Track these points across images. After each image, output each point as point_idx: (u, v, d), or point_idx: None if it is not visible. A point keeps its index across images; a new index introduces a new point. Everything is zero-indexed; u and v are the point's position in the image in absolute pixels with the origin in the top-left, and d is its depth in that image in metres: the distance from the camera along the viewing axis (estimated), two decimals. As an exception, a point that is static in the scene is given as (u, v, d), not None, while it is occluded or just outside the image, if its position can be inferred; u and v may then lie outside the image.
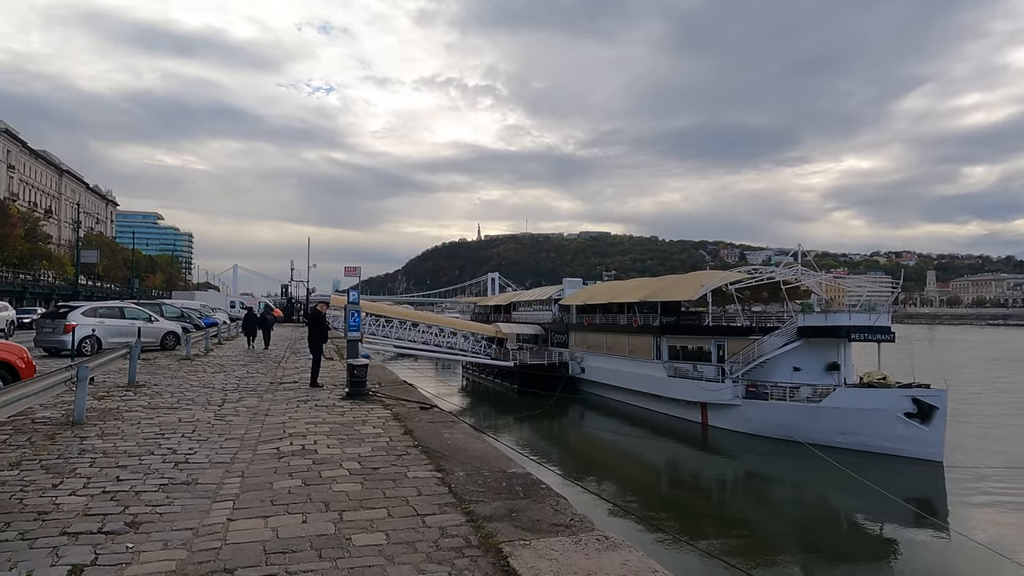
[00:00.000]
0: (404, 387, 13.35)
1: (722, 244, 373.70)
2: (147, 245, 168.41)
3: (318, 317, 13.50)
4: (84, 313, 21.12)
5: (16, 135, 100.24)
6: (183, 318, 28.32)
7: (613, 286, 62.77)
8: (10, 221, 69.80)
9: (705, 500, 29.58)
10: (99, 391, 12.06)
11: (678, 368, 42.98)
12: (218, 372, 16.25)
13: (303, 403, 11.07)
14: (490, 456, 7.20)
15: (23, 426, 8.35)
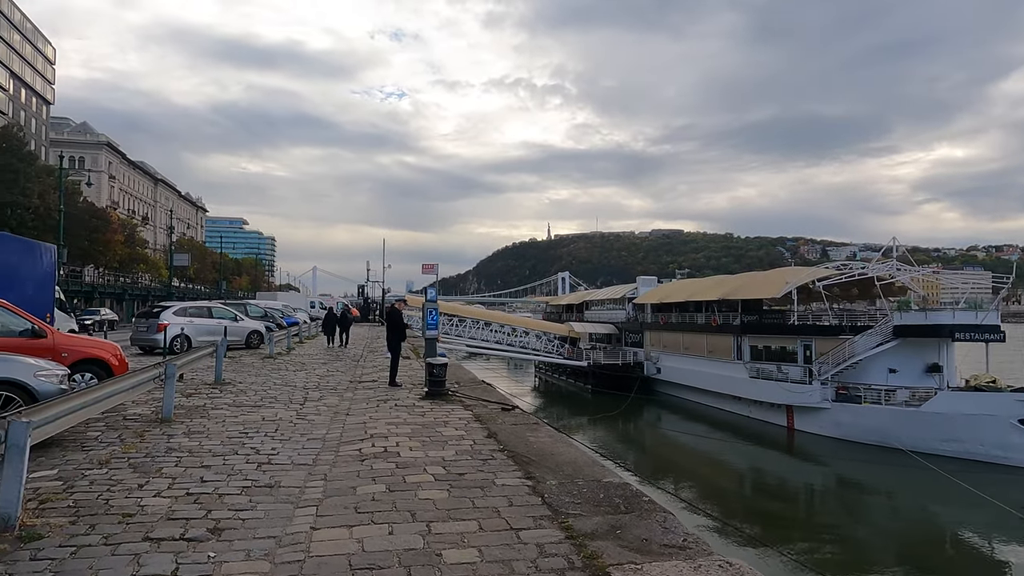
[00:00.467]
0: (483, 387, 13.02)
1: (802, 240, 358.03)
2: (233, 248, 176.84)
3: (396, 316, 13.35)
4: (175, 313, 21.96)
5: (116, 147, 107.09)
6: (266, 318, 29.16)
7: (690, 284, 60.89)
8: (111, 228, 74.37)
9: (793, 508, 28.04)
10: (187, 388, 12.30)
11: (761, 369, 41.09)
12: (299, 370, 16.43)
13: (383, 403, 10.88)
14: (581, 463, 6.69)
15: (115, 422, 8.47)
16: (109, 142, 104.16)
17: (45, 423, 4.83)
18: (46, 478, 5.77)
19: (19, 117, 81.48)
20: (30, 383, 6.71)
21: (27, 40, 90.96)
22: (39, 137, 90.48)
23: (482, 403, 10.79)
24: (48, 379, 6.94)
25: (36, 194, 53.14)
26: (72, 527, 4.56)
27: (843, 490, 30.15)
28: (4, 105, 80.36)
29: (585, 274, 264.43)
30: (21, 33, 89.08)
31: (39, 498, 5.16)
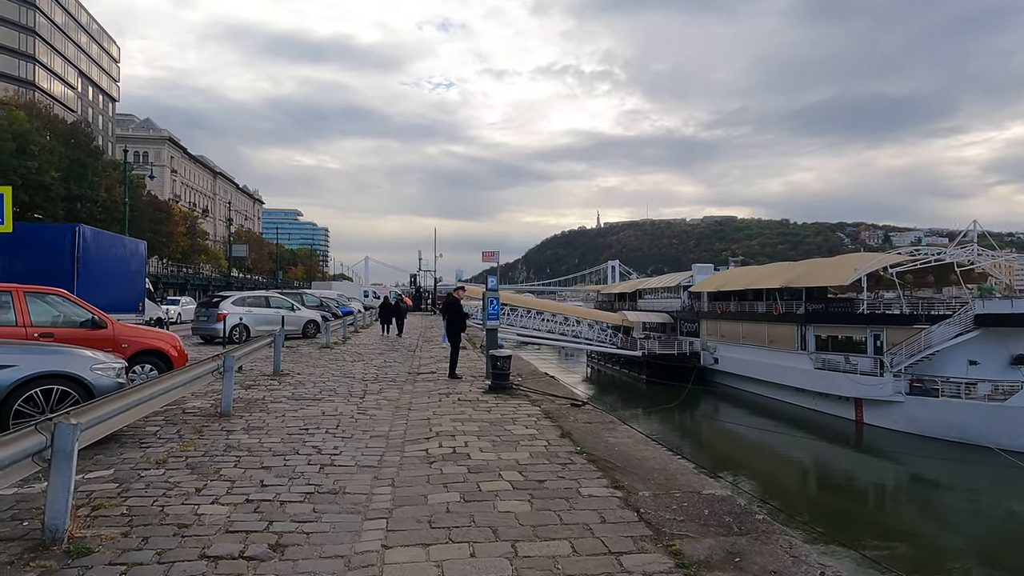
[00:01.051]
0: (547, 380, 12.41)
1: (862, 225, 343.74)
2: (289, 239, 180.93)
3: (455, 304, 12.83)
4: (233, 303, 22.07)
5: (178, 142, 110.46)
6: (322, 307, 29.22)
7: (749, 271, 58.85)
8: (173, 220, 76.77)
9: (863, 506, 26.61)
10: (246, 379, 12.08)
11: (827, 360, 39.29)
12: (357, 361, 16.15)
13: (445, 396, 10.38)
14: (673, 470, 5.99)
15: (174, 417, 8.19)
16: (171, 137, 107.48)
17: (94, 424, 4.44)
18: (101, 479, 5.43)
19: (87, 114, 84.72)
20: (87, 377, 6.42)
21: (93, 40, 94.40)
22: (105, 133, 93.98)
23: (549, 398, 10.18)
24: (105, 373, 6.64)
25: (103, 188, 55.03)
26: (124, 540, 4.14)
27: (921, 489, 28.48)
28: (73, 103, 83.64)
29: (635, 262, 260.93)
30: (88, 34, 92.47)
31: (92, 503, 4.79)
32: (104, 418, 4.60)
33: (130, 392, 5.35)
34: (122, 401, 5.10)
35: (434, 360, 16.60)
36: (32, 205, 48.58)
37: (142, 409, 5.62)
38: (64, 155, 49.93)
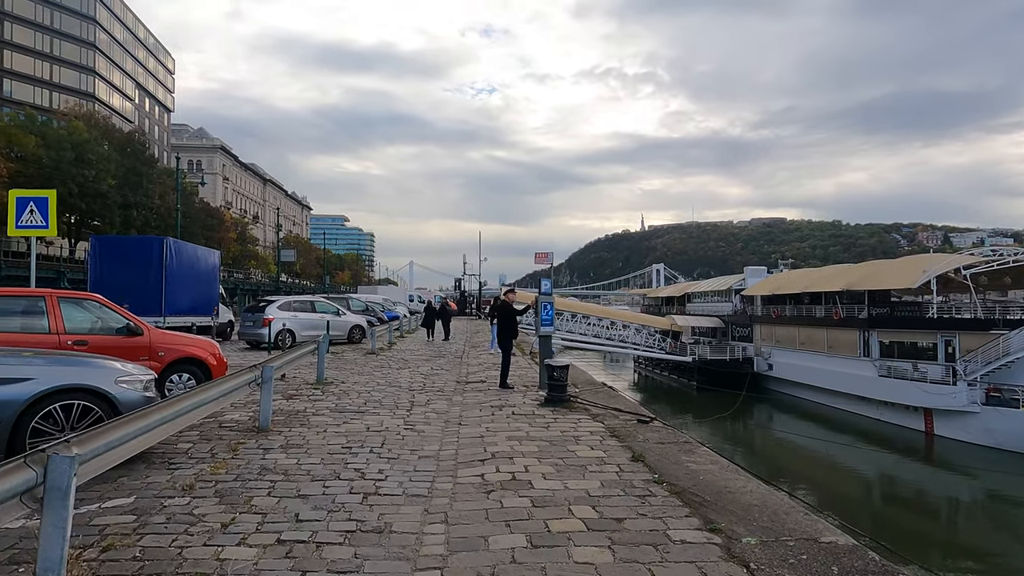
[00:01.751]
0: (606, 391, 11.51)
1: (920, 226, 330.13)
2: (336, 244, 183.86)
3: (507, 308, 12.03)
4: (279, 307, 21.81)
5: (229, 150, 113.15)
6: (367, 312, 28.88)
7: (807, 274, 56.51)
8: (224, 226, 78.35)
9: (934, 523, 24.79)
10: (288, 388, 11.54)
11: (893, 367, 37.13)
12: (403, 368, 15.52)
13: (497, 409, 9.58)
14: (776, 507, 5.04)
15: (209, 431, 7.60)
16: (223, 146, 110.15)
17: (100, 454, 3.78)
18: (119, 509, 4.80)
19: (143, 125, 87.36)
20: (111, 391, 5.84)
21: (150, 53, 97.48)
22: (161, 143, 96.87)
23: (612, 412, 9.27)
24: (131, 386, 6.06)
25: (157, 195, 56.35)
26: (131, 595, 3.45)
27: (1000, 506, 26.39)
28: (130, 114, 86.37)
29: (680, 266, 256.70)
30: (145, 47, 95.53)
31: (102, 543, 4.13)
32: (113, 445, 3.95)
33: (150, 412, 4.71)
34: (137, 424, 4.44)
35: (482, 367, 15.86)
36: (90, 212, 50.05)
37: (163, 431, 4.98)
38: (120, 163, 51.24)
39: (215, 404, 6.27)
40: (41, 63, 73.76)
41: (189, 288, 20.94)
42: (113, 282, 18.49)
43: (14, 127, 43.39)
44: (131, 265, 19.49)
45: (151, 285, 19.00)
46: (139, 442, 4.42)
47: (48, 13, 74.50)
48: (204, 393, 5.90)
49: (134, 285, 18.32)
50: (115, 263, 19.71)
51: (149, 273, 19.28)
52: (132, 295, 17.88)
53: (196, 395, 5.70)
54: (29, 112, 50.22)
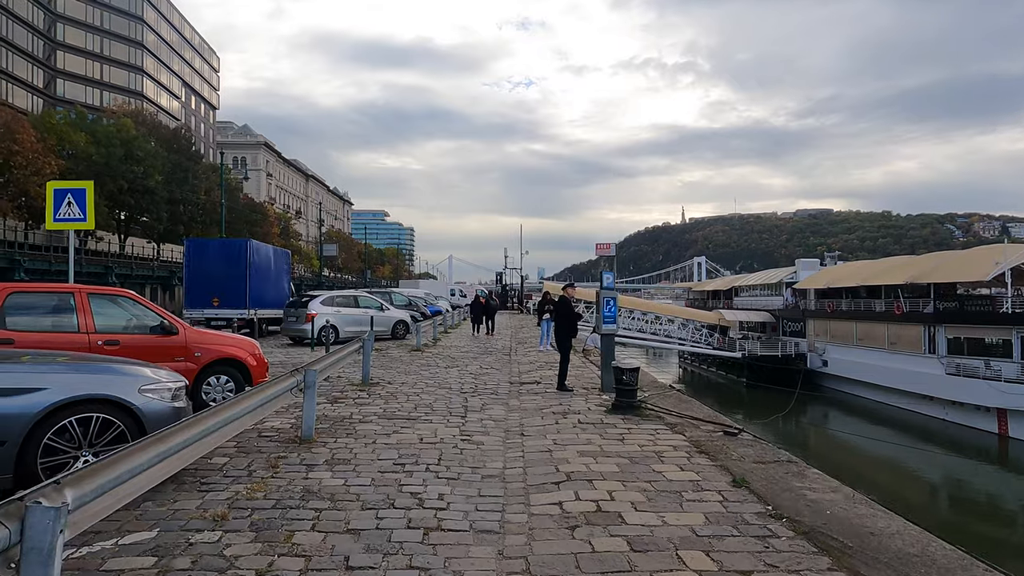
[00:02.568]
0: (676, 395, 10.47)
1: (975, 216, 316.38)
2: (376, 238, 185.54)
3: (566, 305, 11.08)
4: (322, 302, 21.27)
5: (273, 147, 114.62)
6: (411, 306, 28.26)
7: (865, 266, 54.07)
8: (268, 221, 79.15)
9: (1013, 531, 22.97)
10: (333, 389, 10.82)
11: (962, 365, 34.93)
12: (451, 367, 14.71)
13: (561, 417, 8.64)
14: (944, 561, 3.98)
15: (247, 443, 6.85)
16: (266, 142, 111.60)
17: (97, 496, 2.95)
18: (138, 547, 4.03)
19: (190, 122, 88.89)
20: (133, 401, 5.10)
21: (196, 52, 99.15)
22: (207, 140, 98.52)
23: (690, 421, 8.25)
24: (158, 395, 5.31)
25: (203, 191, 56.97)
26: None
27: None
28: (177, 112, 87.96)
29: (722, 259, 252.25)
30: (191, 46, 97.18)
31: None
32: (118, 482, 3.12)
33: (169, 434, 3.91)
34: (152, 451, 3.62)
35: (534, 366, 14.95)
36: (139, 208, 50.81)
37: (183, 457, 4.18)
38: (167, 160, 51.88)
39: (249, 418, 5.49)
40: (92, 63, 75.51)
41: (267, 284, 23.45)
42: (205, 279, 21.61)
43: (65, 125, 44.18)
44: (220, 264, 22.12)
45: (237, 281, 21.58)
46: (153, 473, 3.62)
47: (98, 14, 76.19)
48: (235, 407, 5.10)
49: (223, 281, 21.36)
50: (206, 262, 22.43)
51: (235, 270, 21.84)
52: (221, 290, 21.64)
53: (226, 410, 4.91)
54: (79, 110, 51.21)
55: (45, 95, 68.45)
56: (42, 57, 69.68)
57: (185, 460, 4.48)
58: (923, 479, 28.97)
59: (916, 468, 30.10)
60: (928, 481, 28.78)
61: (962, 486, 28.26)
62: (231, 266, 22.00)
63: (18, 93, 63.64)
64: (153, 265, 50.54)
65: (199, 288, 22.06)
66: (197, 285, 22.10)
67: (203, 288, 21.89)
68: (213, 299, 21.51)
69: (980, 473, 29.74)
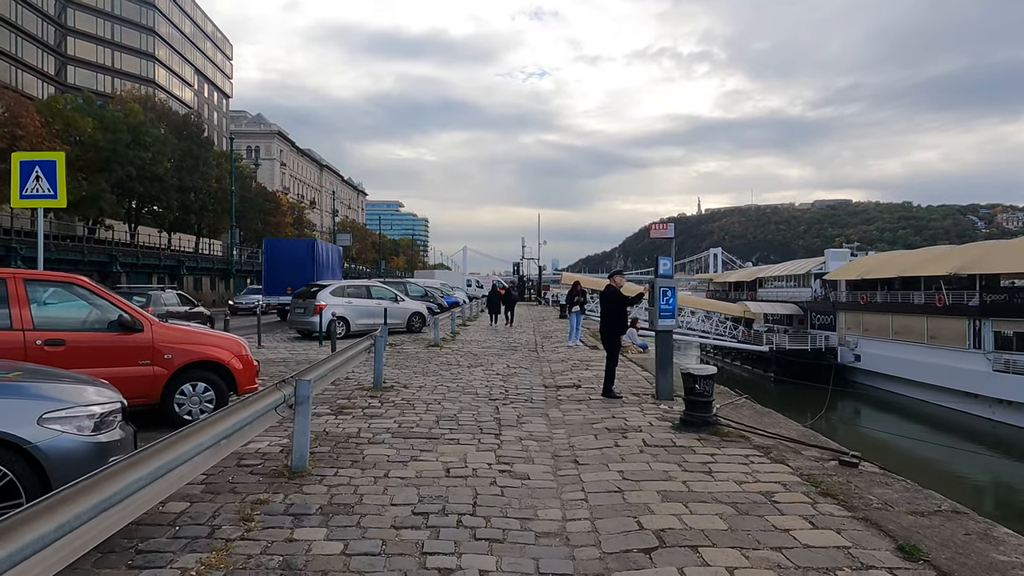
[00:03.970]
0: (748, 404, 8.72)
1: (999, 207, 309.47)
2: (391, 228, 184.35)
3: (614, 296, 9.34)
4: (332, 293, 19.66)
5: (286, 136, 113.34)
6: (427, 297, 26.64)
7: (902, 256, 51.69)
8: (281, 210, 77.91)
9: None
10: (339, 394, 9.19)
11: (1013, 361, 32.81)
12: (474, 366, 13.03)
13: (620, 436, 6.92)
14: None
15: (220, 477, 5.20)
16: (280, 131, 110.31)
17: None
18: None
19: (202, 110, 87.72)
20: (29, 439, 3.46)
21: (208, 38, 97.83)
22: (220, 128, 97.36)
23: (783, 443, 6.51)
24: (71, 425, 3.69)
25: (214, 178, 55.65)
26: None
27: None
28: (190, 100, 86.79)
29: (739, 250, 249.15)
30: (203, 32, 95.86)
31: None
32: None
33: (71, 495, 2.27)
34: (27, 535, 2.01)
35: (567, 366, 13.25)
36: (148, 196, 49.56)
37: (95, 529, 2.52)
38: (176, 146, 50.54)
39: (206, 458, 3.81)
40: (103, 49, 74.36)
41: (328, 275, 26.46)
42: (279, 272, 25.13)
43: (72, 110, 42.89)
44: (291, 259, 25.88)
45: (306, 274, 24.28)
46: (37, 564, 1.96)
47: (110, 0, 74.99)
48: (183, 445, 3.44)
49: (294, 274, 24.16)
50: (280, 258, 26.41)
51: (304, 264, 25.39)
52: (293, 281, 23.90)
53: (165, 453, 3.25)
54: (87, 95, 49.98)
55: (56, 82, 67.38)
56: (53, 43, 68.61)
57: (103, 531, 2.85)
58: (976, 482, 27.00)
59: (966, 470, 28.08)
60: (981, 484, 26.80)
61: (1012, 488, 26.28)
62: (301, 261, 25.65)
63: (28, 80, 62.55)
64: (161, 254, 49.20)
65: (275, 279, 25.72)
66: (273, 277, 25.93)
67: (278, 280, 25.42)
68: (287, 288, 24.06)
69: None
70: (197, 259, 54.10)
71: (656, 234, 17.37)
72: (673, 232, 16.02)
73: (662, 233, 16.56)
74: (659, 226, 18.11)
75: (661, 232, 16.94)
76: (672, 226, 17.40)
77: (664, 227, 17.24)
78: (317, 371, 6.23)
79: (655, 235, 17.91)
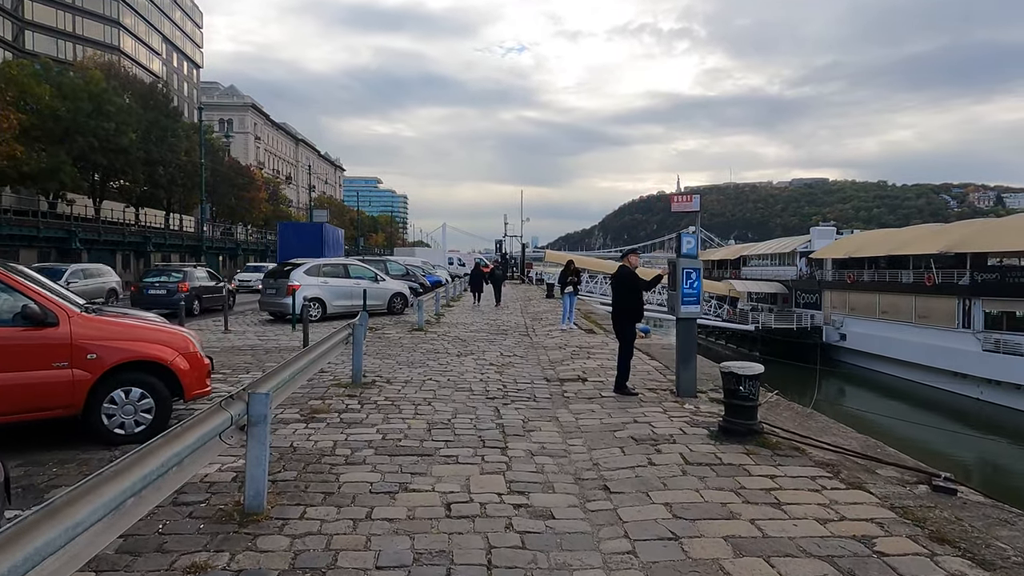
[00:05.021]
0: (787, 405, 7.63)
1: (971, 187, 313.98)
2: (369, 205, 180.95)
3: (629, 276, 8.11)
4: (307, 272, 18.20)
5: (260, 108, 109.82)
6: (408, 276, 25.27)
7: (890, 234, 51.24)
8: (255, 186, 75.37)
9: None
10: (311, 393, 7.90)
11: (1002, 341, 32.44)
12: (464, 354, 11.78)
13: (651, 449, 5.74)
14: None
15: (147, 529, 3.93)
16: (254, 104, 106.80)
17: None
18: None
19: (172, 80, 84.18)
20: None
21: (177, 6, 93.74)
22: (190, 100, 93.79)
23: (849, 457, 5.40)
24: None
25: (183, 151, 53.20)
26: None
27: None
28: (158, 69, 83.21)
29: (717, 228, 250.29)
30: (173, 1, 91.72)
31: None
32: None
33: None
34: None
35: (565, 352, 12.08)
36: (113, 169, 47.09)
37: None
38: (143, 117, 48.00)
39: (94, 537, 2.52)
40: (64, 14, 70.64)
41: (333, 255, 28.32)
42: (292, 252, 25.64)
43: (27, 76, 40.22)
44: (302, 240, 28.51)
45: (315, 254, 25.29)
46: None
47: (69, -39, 71.14)
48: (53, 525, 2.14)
49: (306, 254, 24.31)
50: (292, 239, 29.27)
51: (314, 245, 27.63)
52: None
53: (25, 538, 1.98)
54: (44, 61, 47.08)
55: (13, 48, 63.83)
56: (9, 7, 64.92)
57: None
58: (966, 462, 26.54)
59: (955, 450, 27.60)
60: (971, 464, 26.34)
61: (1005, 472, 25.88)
62: (311, 242, 28.04)
63: (-18, 45, 59.23)
64: (126, 230, 46.70)
65: (288, 258, 27.32)
66: (287, 256, 26.60)
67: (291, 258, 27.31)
68: None
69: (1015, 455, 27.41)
70: (165, 235, 51.76)
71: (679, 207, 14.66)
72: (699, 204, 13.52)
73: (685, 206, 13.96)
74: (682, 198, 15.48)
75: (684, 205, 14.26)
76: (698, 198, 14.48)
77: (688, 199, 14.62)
78: (279, 377, 4.92)
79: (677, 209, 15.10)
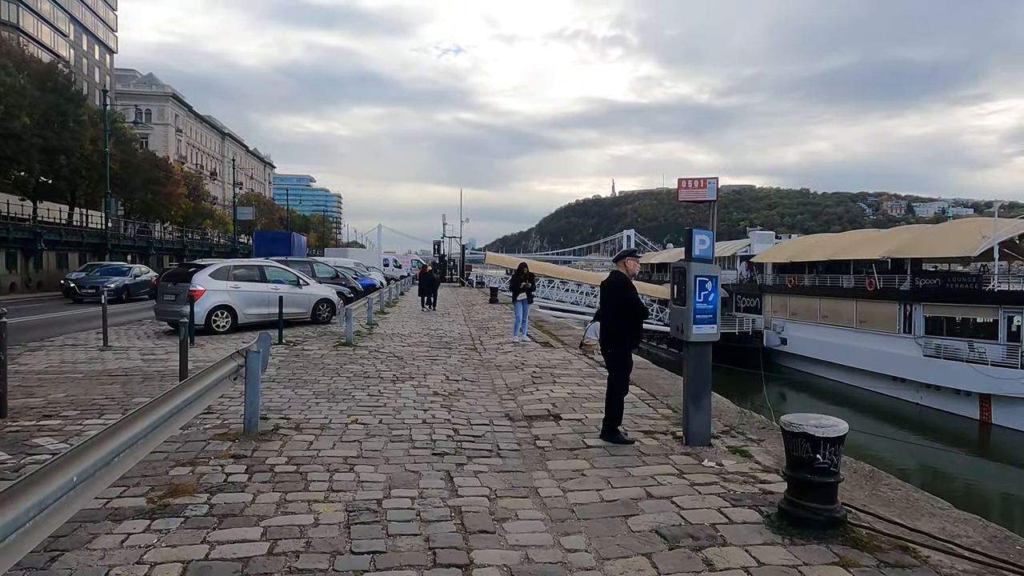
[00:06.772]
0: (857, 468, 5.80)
1: (884, 196, 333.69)
2: (300, 203, 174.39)
3: (628, 289, 6.09)
4: (213, 275, 15.40)
5: (183, 99, 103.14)
6: (338, 279, 22.64)
7: (832, 239, 51.67)
8: (174, 180, 70.10)
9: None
10: (180, 452, 5.54)
11: (942, 346, 32.51)
12: (400, 379, 9.50)
13: (691, 553, 3.75)
14: None
15: None
16: (175, 94, 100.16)
17: None
18: None
19: (81, 64, 77.56)
20: None
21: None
22: (103, 85, 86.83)
23: (985, 566, 3.57)
24: None
25: (88, 140, 48.24)
26: None
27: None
28: (64, 51, 76.44)
29: (651, 232, 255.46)
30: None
31: None
32: None
33: None
34: None
35: (524, 374, 10.02)
36: (3, 157, 42.00)
37: None
38: (39, 100, 43.07)
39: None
40: (-48, -14, 63.80)
41: None
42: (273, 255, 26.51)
43: None
44: (273, 247, 32.50)
45: None
46: None
47: (-41, -73, 64.26)
48: None
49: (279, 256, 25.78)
50: (264, 246, 34.09)
51: (285, 251, 31.54)
52: None
53: None
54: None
55: None
56: None
57: None
58: (904, 468, 26.05)
59: (892, 456, 27.11)
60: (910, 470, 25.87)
61: (943, 477, 25.53)
62: (283, 249, 31.80)
63: None
64: (10, 225, 41.29)
65: None
66: None
67: None
68: None
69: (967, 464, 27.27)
70: (61, 232, 46.52)
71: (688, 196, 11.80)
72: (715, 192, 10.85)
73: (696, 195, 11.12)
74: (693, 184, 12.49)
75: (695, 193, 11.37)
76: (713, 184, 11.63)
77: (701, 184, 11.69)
78: (114, 441, 2.60)
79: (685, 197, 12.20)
